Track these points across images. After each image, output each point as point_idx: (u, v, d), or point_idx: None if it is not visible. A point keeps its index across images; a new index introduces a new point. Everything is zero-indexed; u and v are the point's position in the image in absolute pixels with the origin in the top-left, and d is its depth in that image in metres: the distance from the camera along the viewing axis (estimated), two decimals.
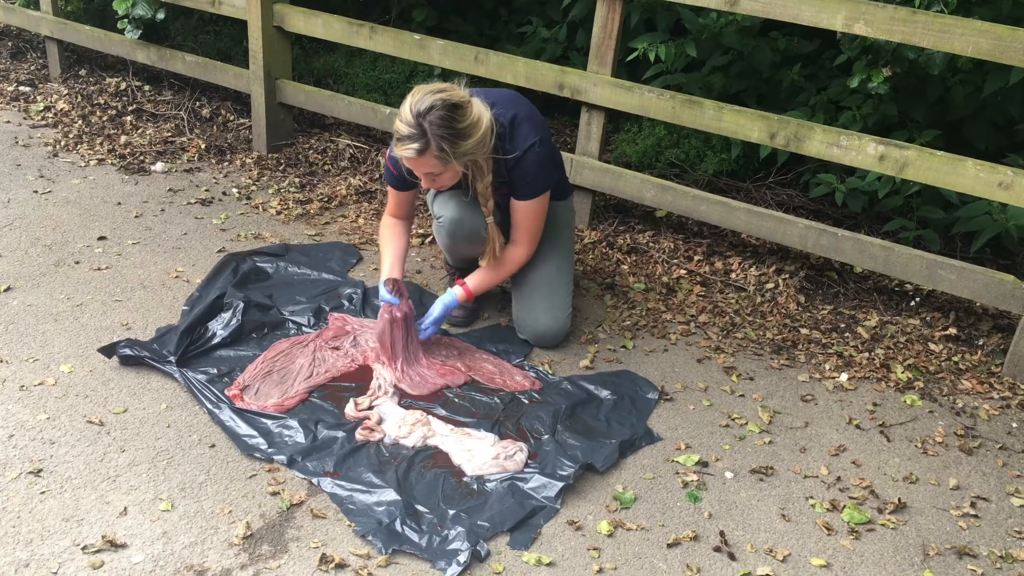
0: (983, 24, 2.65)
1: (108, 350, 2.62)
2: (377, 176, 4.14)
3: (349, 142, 4.43)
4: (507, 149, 2.56)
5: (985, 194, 2.81)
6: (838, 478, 2.40)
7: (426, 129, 2.34)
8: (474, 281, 2.78)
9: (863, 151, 2.95)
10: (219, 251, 3.36)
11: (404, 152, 2.39)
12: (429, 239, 3.60)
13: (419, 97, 2.36)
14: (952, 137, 3.62)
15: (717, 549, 2.12)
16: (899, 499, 2.31)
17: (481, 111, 2.44)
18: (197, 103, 4.82)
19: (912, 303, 3.29)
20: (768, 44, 3.89)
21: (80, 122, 4.56)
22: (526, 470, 2.29)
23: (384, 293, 2.67)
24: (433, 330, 2.77)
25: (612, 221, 3.81)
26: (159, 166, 4.13)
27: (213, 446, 2.33)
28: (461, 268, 3.05)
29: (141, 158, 4.20)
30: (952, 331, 3.11)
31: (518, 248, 2.77)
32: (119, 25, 4.54)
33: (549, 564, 2.03)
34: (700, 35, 3.85)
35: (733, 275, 3.44)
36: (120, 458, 2.26)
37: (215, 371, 2.60)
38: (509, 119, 2.56)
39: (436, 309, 2.76)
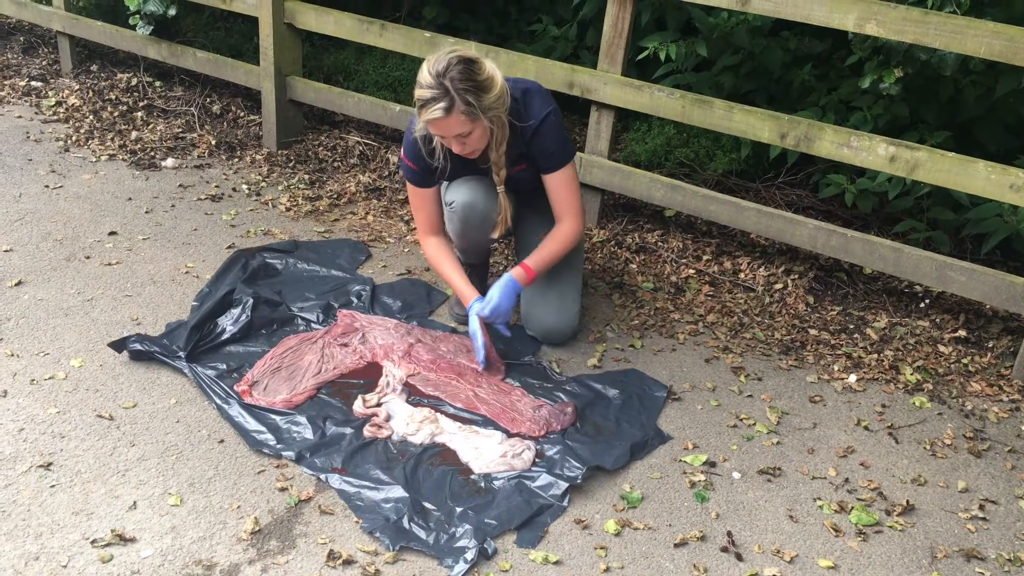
0: (996, 25, 2.64)
1: (118, 345, 2.64)
2: (387, 173, 4.14)
3: (359, 139, 4.43)
4: (523, 117, 2.57)
5: (996, 196, 2.79)
6: (846, 479, 2.39)
7: (448, 86, 2.35)
8: (534, 260, 2.70)
9: (874, 152, 2.94)
10: (229, 247, 3.37)
11: (431, 115, 2.38)
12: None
13: (434, 60, 2.39)
14: (963, 139, 3.61)
15: (724, 549, 2.11)
16: (907, 501, 2.31)
17: (493, 67, 2.46)
18: (208, 99, 4.84)
19: (922, 305, 3.28)
20: (779, 44, 3.88)
21: (91, 117, 4.57)
22: (534, 468, 2.30)
23: (474, 322, 2.67)
24: (504, 319, 2.70)
25: (621, 220, 3.80)
26: (169, 162, 4.14)
27: (222, 441, 2.34)
28: (472, 264, 3.05)
29: (152, 154, 4.21)
30: (962, 333, 3.10)
31: (567, 222, 2.72)
32: (131, 21, 4.56)
33: (556, 563, 2.03)
34: (711, 34, 3.85)
35: (742, 275, 3.43)
36: (130, 452, 2.27)
37: (224, 367, 2.60)
38: (521, 91, 2.59)
39: (501, 300, 2.65)
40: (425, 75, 2.38)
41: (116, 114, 4.63)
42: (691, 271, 3.44)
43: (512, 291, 2.67)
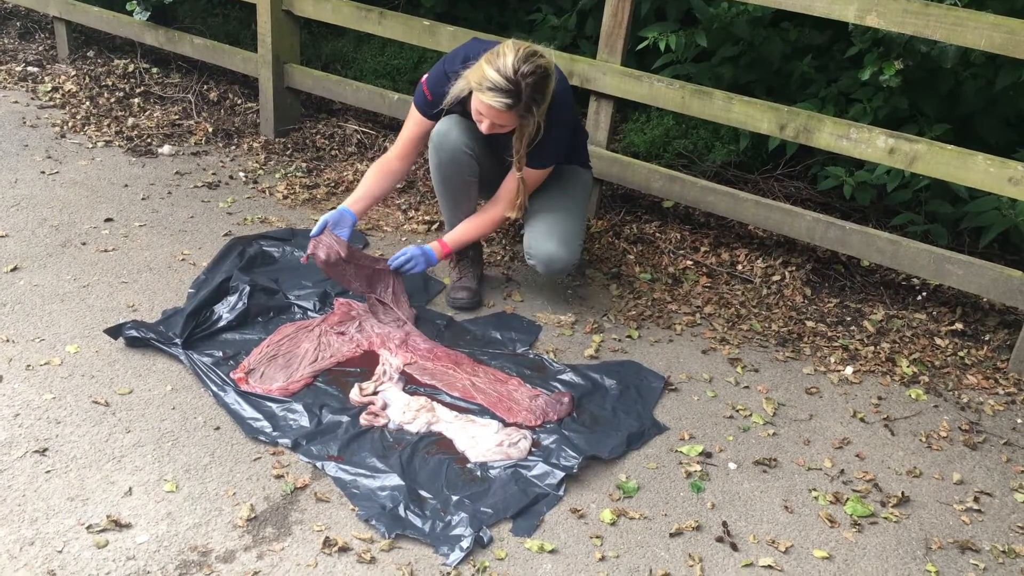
0: (996, 18, 2.63)
1: (114, 331, 2.63)
2: None
3: (356, 128, 4.42)
4: (548, 114, 2.64)
5: (995, 189, 2.79)
6: (842, 471, 2.40)
7: (523, 89, 2.44)
8: (451, 237, 2.85)
9: (873, 144, 2.94)
10: (225, 235, 3.36)
11: (493, 102, 2.45)
12: (436, 226, 3.60)
13: (524, 55, 2.44)
14: (962, 131, 3.61)
15: (720, 539, 2.12)
16: (902, 493, 2.31)
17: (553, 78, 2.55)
18: (205, 86, 4.82)
19: (919, 297, 3.29)
20: (779, 35, 3.86)
21: (88, 103, 4.55)
22: (530, 458, 2.30)
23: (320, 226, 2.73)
24: (403, 264, 2.82)
25: (619, 211, 3.80)
26: (166, 149, 4.13)
27: (218, 428, 2.34)
28: (464, 251, 3.05)
29: (148, 140, 4.19)
30: (958, 326, 3.11)
31: (499, 208, 2.83)
32: (128, 7, 4.53)
33: (552, 551, 2.04)
34: (711, 25, 3.83)
35: (739, 267, 3.43)
36: (125, 439, 2.26)
37: (220, 354, 2.60)
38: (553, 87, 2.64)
39: (411, 250, 2.82)
40: (508, 66, 2.43)
41: (113, 100, 4.60)
42: (689, 262, 3.44)
43: (423, 258, 2.82)
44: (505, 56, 2.44)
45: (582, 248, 2.91)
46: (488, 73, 2.44)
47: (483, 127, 2.58)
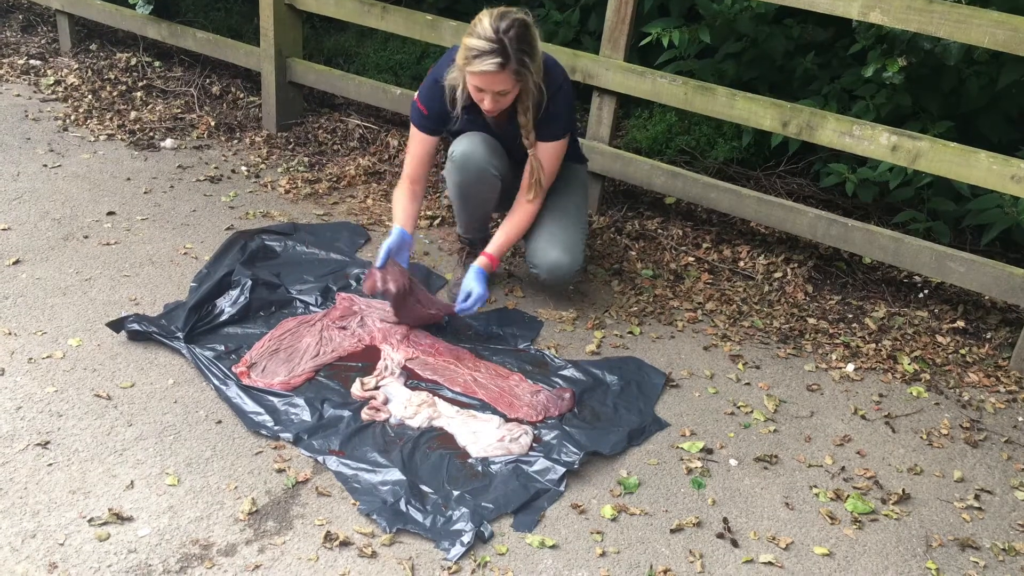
0: (1000, 15, 2.63)
1: (116, 325, 2.63)
2: (386, 157, 4.13)
3: (359, 122, 4.42)
4: (548, 83, 2.63)
5: (997, 187, 2.79)
6: (842, 468, 2.40)
7: (507, 44, 2.42)
8: (494, 246, 2.79)
9: (876, 141, 2.94)
10: (227, 229, 3.36)
11: (483, 66, 2.44)
12: (437, 220, 3.60)
13: (497, 14, 2.45)
14: (965, 129, 3.60)
15: (720, 536, 2.12)
16: (903, 490, 2.31)
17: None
18: (207, 80, 4.81)
19: (920, 295, 3.29)
20: (782, 31, 3.86)
21: (90, 97, 4.55)
22: (531, 453, 2.30)
23: (384, 251, 2.68)
24: (471, 306, 2.72)
25: (621, 207, 3.80)
26: (168, 142, 4.13)
27: (220, 422, 2.34)
28: (472, 242, 3.06)
29: (151, 134, 4.19)
30: (960, 324, 3.10)
31: (534, 204, 2.79)
32: (130, 0, 4.52)
33: (552, 547, 2.04)
34: (714, 21, 3.83)
35: (741, 263, 3.43)
36: (127, 432, 2.27)
37: (222, 348, 2.60)
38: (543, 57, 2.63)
39: (472, 286, 2.70)
40: (487, 27, 2.43)
41: (115, 94, 4.60)
42: (691, 259, 3.44)
43: (484, 279, 2.73)
44: (480, 21, 2.46)
45: (585, 251, 2.90)
46: (470, 43, 2.45)
47: (486, 105, 2.56)
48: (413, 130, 2.81)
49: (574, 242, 2.85)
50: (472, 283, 2.71)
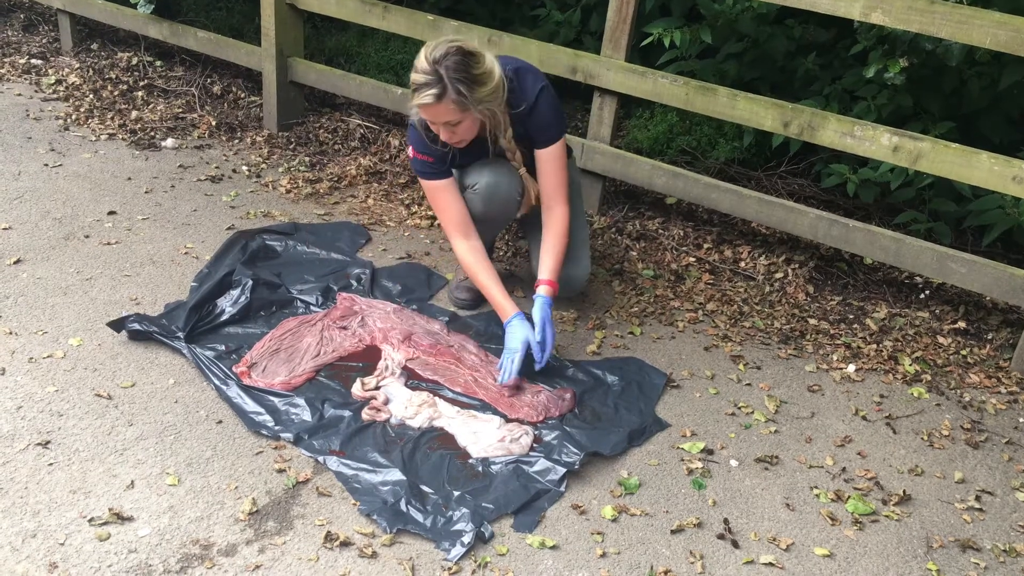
0: (1002, 16, 2.62)
1: (117, 324, 2.63)
2: (387, 157, 4.13)
3: (360, 122, 4.41)
4: (518, 99, 2.57)
5: (999, 188, 2.79)
6: (843, 469, 2.39)
7: (443, 75, 2.36)
8: (546, 269, 2.66)
9: (877, 142, 2.93)
10: (228, 228, 3.36)
11: (422, 100, 2.38)
12: (437, 221, 3.59)
13: (433, 46, 2.40)
14: (966, 130, 3.60)
15: (721, 536, 2.12)
16: (904, 491, 2.31)
17: (493, 62, 2.46)
18: (208, 80, 4.81)
19: (922, 296, 3.28)
20: (784, 32, 3.86)
21: (91, 96, 4.55)
22: (531, 454, 2.30)
23: (515, 340, 2.56)
24: (548, 356, 2.61)
25: (622, 207, 3.79)
26: (169, 142, 4.13)
27: (220, 422, 2.34)
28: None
29: (152, 134, 4.19)
30: (961, 324, 3.10)
31: (560, 209, 2.68)
32: (131, 0, 4.52)
33: (553, 547, 2.04)
34: (715, 21, 3.83)
35: (742, 264, 3.43)
36: (128, 432, 2.27)
37: (223, 348, 2.60)
38: (513, 70, 2.57)
39: (542, 327, 2.58)
40: (422, 60, 2.39)
41: (116, 93, 4.60)
42: (691, 259, 3.44)
43: (549, 310, 2.62)
44: (419, 55, 2.41)
45: (590, 256, 2.89)
46: (411, 77, 2.40)
47: (443, 137, 2.50)
48: (428, 184, 2.67)
49: (580, 251, 2.85)
50: (546, 325, 2.59)
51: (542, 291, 2.63)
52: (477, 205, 2.73)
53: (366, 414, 2.39)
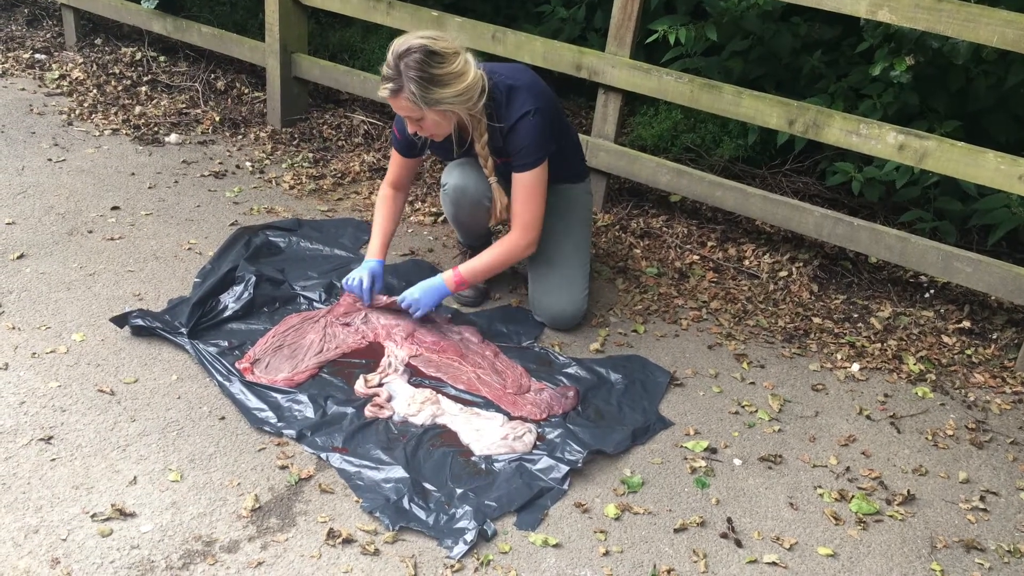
0: (1009, 14, 2.61)
1: (120, 320, 2.63)
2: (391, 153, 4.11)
3: (363, 118, 4.41)
4: (502, 116, 2.56)
5: (1005, 187, 2.78)
6: (847, 468, 2.39)
7: (401, 71, 2.38)
8: (467, 267, 2.68)
9: (883, 140, 2.92)
10: (232, 224, 3.36)
11: (381, 91, 2.45)
12: (442, 218, 3.59)
13: (403, 40, 2.42)
14: (972, 128, 3.59)
15: (724, 535, 2.11)
16: (908, 491, 2.31)
17: (468, 66, 2.45)
18: (212, 75, 4.81)
19: (926, 295, 3.27)
20: (789, 29, 3.84)
21: (95, 91, 4.55)
22: (534, 451, 2.29)
23: (354, 283, 2.74)
24: (422, 313, 2.71)
25: (626, 204, 3.79)
26: (173, 137, 4.12)
27: (223, 418, 2.34)
28: (473, 247, 3.04)
29: (155, 129, 4.19)
30: (966, 324, 3.09)
31: (514, 233, 2.64)
32: None
33: (556, 545, 2.03)
34: (721, 18, 3.81)
35: (746, 262, 3.42)
36: (130, 428, 2.26)
37: (226, 344, 2.60)
38: (507, 87, 2.55)
39: (422, 295, 2.68)
40: (389, 52, 2.42)
41: (120, 88, 4.60)
42: (695, 257, 3.43)
43: (438, 294, 2.69)
44: (389, 47, 2.43)
45: (587, 293, 2.88)
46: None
47: (411, 129, 2.56)
48: (393, 152, 2.84)
49: (575, 290, 2.83)
50: (421, 295, 2.68)
51: (444, 274, 2.69)
52: (448, 206, 2.84)
53: (369, 411, 2.39)
